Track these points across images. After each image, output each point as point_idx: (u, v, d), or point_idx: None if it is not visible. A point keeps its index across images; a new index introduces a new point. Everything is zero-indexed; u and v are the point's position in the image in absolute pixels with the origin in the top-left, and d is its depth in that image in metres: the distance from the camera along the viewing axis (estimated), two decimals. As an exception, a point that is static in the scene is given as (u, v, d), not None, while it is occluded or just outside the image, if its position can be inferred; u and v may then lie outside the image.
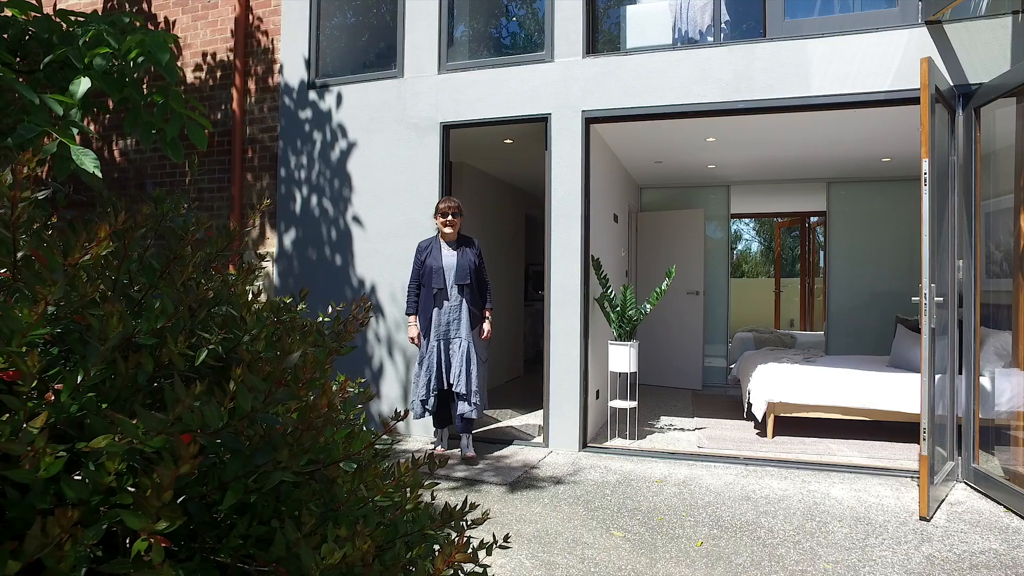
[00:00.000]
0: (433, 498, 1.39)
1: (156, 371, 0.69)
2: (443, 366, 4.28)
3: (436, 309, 4.29)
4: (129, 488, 0.58)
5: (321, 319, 1.32)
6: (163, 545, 0.53)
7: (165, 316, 0.69)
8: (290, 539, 0.63)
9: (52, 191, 0.98)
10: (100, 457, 0.56)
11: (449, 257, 4.32)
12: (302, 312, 1.34)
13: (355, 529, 0.64)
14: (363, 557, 0.64)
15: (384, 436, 1.15)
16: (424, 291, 4.34)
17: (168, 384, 0.58)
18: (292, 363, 0.67)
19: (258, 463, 0.63)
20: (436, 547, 0.98)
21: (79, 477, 0.56)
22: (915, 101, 3.85)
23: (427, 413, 4.33)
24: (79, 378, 0.60)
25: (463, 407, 4.27)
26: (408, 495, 0.83)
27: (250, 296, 0.86)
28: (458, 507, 1.00)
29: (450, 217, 4.31)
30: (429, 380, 4.28)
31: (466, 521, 1.15)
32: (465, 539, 0.79)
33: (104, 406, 0.61)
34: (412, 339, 4.37)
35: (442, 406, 4.38)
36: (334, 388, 0.79)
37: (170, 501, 0.53)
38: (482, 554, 1.24)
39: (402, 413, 1.14)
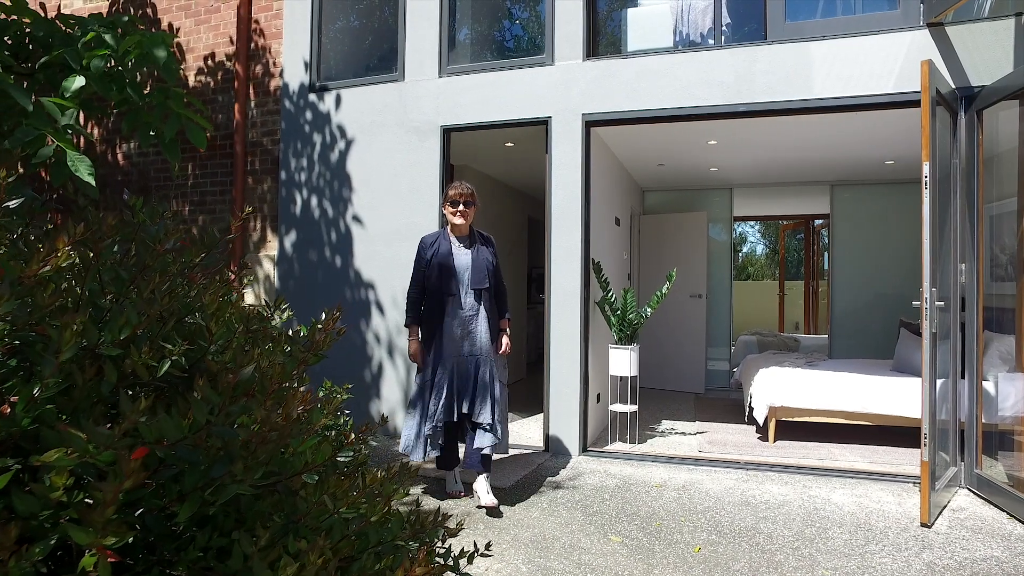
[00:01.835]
0: (418, 504, 1.39)
1: (120, 381, 0.69)
2: (456, 391, 3.48)
3: (447, 320, 3.51)
4: (87, 501, 0.58)
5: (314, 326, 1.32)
6: (112, 560, 0.52)
7: (129, 327, 0.69)
8: (247, 552, 0.62)
9: (24, 199, 0.97)
10: (52, 471, 0.55)
11: (462, 255, 3.58)
12: (286, 320, 1.34)
13: (315, 542, 0.64)
14: (323, 569, 0.63)
15: (373, 442, 1.14)
16: (430, 298, 3.56)
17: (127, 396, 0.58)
18: (246, 376, 0.67)
19: (214, 476, 0.63)
20: (412, 556, 0.98)
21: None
22: (918, 104, 3.82)
23: (438, 450, 3.48)
24: (36, 390, 0.60)
25: (482, 440, 3.48)
26: (377, 506, 0.82)
27: (220, 305, 0.86)
28: (430, 517, 0.99)
29: (461, 206, 3.57)
30: (436, 410, 3.44)
31: (446, 529, 1.15)
32: (429, 550, 0.78)
33: (64, 418, 0.61)
34: (412, 356, 3.58)
35: (448, 440, 3.58)
36: (306, 395, 0.79)
37: (118, 515, 0.52)
38: (463, 562, 1.24)
39: (382, 419, 1.14)
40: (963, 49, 3.86)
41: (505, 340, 3.71)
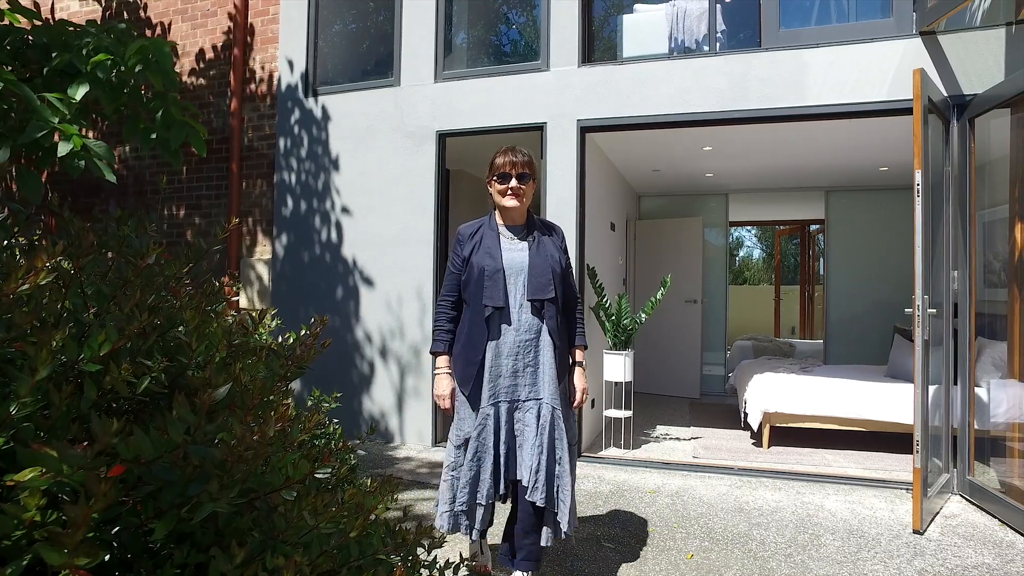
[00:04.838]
0: (407, 514, 1.39)
1: (100, 398, 0.69)
2: (505, 455, 2.40)
3: (493, 344, 2.43)
4: (62, 519, 0.58)
5: (296, 335, 1.32)
6: (85, 580, 0.53)
7: (109, 343, 0.69)
8: (223, 569, 0.63)
9: (7, 211, 0.97)
10: (25, 491, 0.55)
11: (515, 252, 2.49)
12: (275, 328, 1.34)
13: (291, 559, 0.64)
14: (300, 587, 0.64)
15: (360, 451, 1.14)
16: (469, 313, 2.49)
17: (98, 417, 0.59)
18: (220, 396, 0.67)
19: (192, 494, 0.63)
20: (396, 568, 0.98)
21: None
22: (911, 111, 3.83)
23: (472, 531, 2.41)
24: (12, 409, 0.60)
25: (546, 536, 2.44)
26: (357, 520, 0.82)
27: (202, 320, 0.86)
28: (413, 529, 0.99)
29: (514, 181, 2.48)
30: (476, 477, 2.38)
31: (430, 540, 1.15)
32: (415, 562, 0.79)
33: (42, 435, 0.61)
34: (440, 400, 2.49)
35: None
36: (284, 412, 0.79)
37: (93, 534, 0.53)
38: (449, 573, 1.24)
39: (369, 429, 1.14)
40: (955, 57, 3.88)
41: (580, 382, 2.57)
